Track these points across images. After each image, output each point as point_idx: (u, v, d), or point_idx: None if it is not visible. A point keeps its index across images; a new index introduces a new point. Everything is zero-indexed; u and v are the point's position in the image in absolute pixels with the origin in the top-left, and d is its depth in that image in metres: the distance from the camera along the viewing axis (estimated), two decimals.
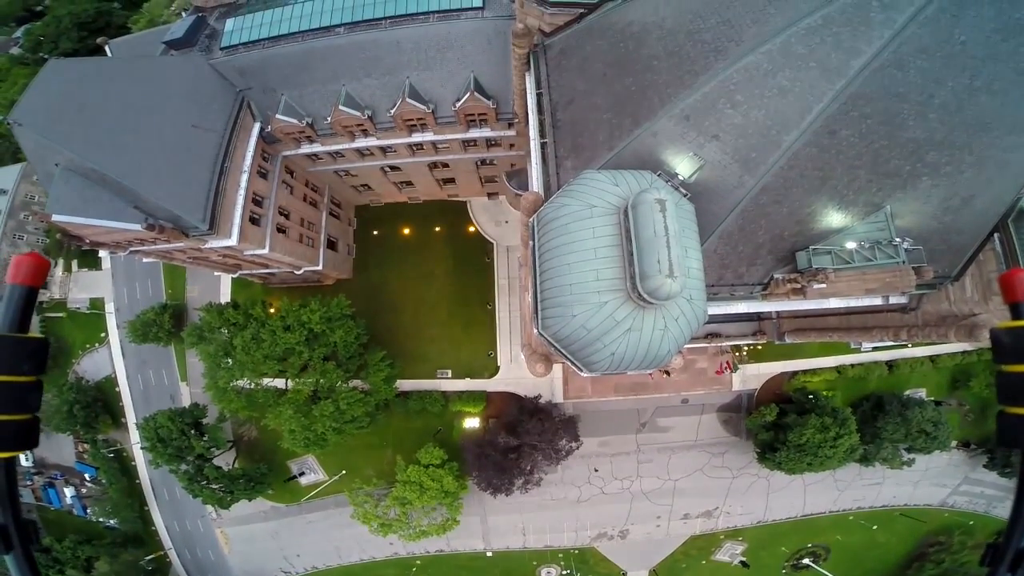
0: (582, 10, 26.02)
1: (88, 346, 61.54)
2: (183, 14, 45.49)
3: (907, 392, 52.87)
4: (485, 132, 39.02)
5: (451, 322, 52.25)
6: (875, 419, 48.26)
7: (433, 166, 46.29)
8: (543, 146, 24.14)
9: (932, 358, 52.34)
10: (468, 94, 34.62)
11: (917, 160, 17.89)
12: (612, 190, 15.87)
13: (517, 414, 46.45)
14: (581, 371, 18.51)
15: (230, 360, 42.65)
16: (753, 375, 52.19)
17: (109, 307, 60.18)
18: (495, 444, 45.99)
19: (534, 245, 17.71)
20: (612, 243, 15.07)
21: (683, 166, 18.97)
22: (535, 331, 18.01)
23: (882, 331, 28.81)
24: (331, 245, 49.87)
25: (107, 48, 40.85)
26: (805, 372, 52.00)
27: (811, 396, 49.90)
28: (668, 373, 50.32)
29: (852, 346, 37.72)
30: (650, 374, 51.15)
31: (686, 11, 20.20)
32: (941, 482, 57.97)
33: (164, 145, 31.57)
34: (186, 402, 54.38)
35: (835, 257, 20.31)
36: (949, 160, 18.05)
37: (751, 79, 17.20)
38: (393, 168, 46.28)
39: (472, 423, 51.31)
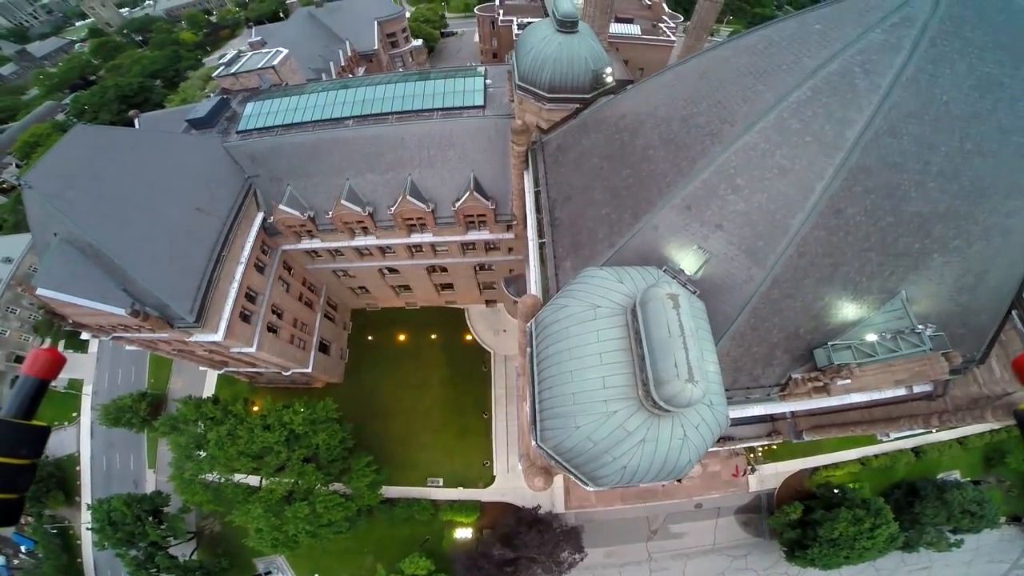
0: (578, 105, 27.06)
1: (57, 423, 58.99)
2: (212, 95, 48.24)
3: (940, 475, 50.99)
4: (484, 235, 39.19)
5: (444, 430, 50.06)
6: (911, 506, 46.09)
7: (431, 270, 46.49)
8: (541, 246, 23.52)
9: (959, 440, 51.43)
10: (468, 193, 34.99)
11: (925, 236, 16.95)
12: (617, 288, 14.74)
13: (514, 525, 42.13)
14: (587, 485, 16.01)
15: (201, 453, 39.93)
16: (771, 475, 49.05)
17: (87, 389, 59.22)
18: (489, 556, 41.32)
19: (532, 352, 16.13)
20: (619, 347, 13.56)
21: (688, 261, 17.94)
22: (533, 443, 15.86)
23: (910, 420, 26.65)
24: (323, 348, 48.51)
25: (136, 121, 42.68)
26: (826, 467, 49.68)
27: (837, 490, 47.35)
28: (680, 480, 46.40)
29: (879, 438, 34.96)
30: (661, 484, 47.08)
31: (678, 97, 20.40)
32: (997, 558, 52.73)
33: (166, 226, 31.15)
34: (151, 489, 50.74)
35: (856, 352, 18.77)
36: (956, 233, 17.13)
37: (750, 160, 16.68)
38: (391, 270, 46.41)
39: (464, 533, 46.04)
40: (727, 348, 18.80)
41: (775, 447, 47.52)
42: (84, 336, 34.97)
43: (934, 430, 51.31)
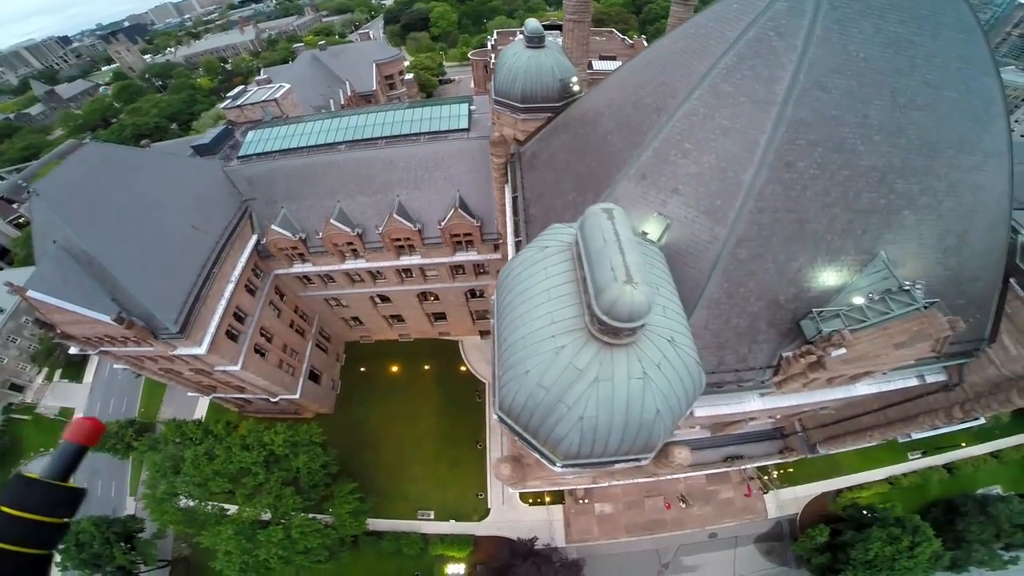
0: (549, 114, 28.37)
1: (43, 449, 58.74)
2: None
3: (979, 491, 47.69)
4: (471, 256, 39.68)
5: (437, 461, 48.46)
6: (952, 523, 42.98)
7: (423, 297, 46.81)
8: (518, 243, 24.09)
9: (994, 454, 48.90)
10: (453, 210, 35.87)
11: (888, 191, 16.93)
12: (567, 231, 14.62)
13: (508, 558, 38.97)
14: (553, 464, 14.69)
15: (177, 475, 38.85)
16: (790, 499, 45.46)
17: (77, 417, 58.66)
18: None
19: (494, 319, 15.74)
20: (567, 279, 13.12)
21: (650, 228, 18.05)
22: (495, 417, 14.99)
23: (930, 416, 24.74)
24: (314, 377, 48.37)
25: (148, 149, 44.61)
26: (850, 489, 46.49)
27: (866, 511, 44.25)
28: (685, 502, 43.20)
29: (900, 439, 32.46)
30: (667, 504, 43.89)
31: (629, 86, 21.79)
32: None
33: (161, 240, 32.13)
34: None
35: (846, 318, 17.85)
36: (921, 188, 17.11)
37: (693, 125, 17.49)
38: (383, 299, 46.85)
39: (456, 569, 42.82)
40: (705, 319, 18.20)
41: (791, 470, 44.74)
42: (72, 350, 34.97)
43: (963, 445, 48.73)
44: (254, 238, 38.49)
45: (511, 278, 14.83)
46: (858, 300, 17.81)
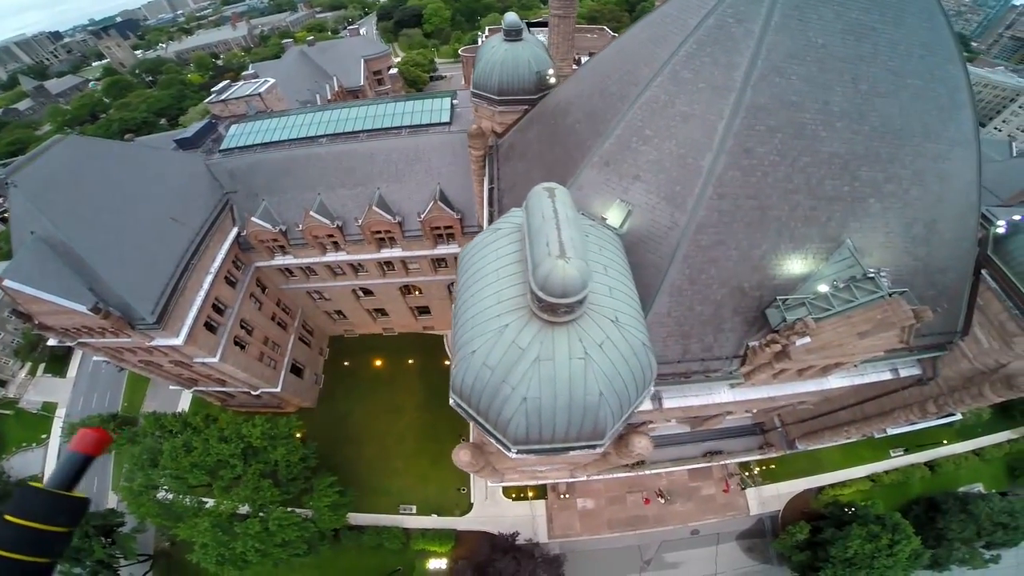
0: (526, 107, 28.41)
1: (25, 444, 58.56)
2: None
3: (961, 489, 47.97)
4: (453, 249, 39.50)
5: (419, 455, 48.42)
6: (933, 521, 42.91)
7: (406, 291, 46.70)
8: None
9: (976, 452, 49.34)
10: (433, 203, 35.80)
11: (852, 178, 16.88)
12: (519, 213, 14.58)
13: (489, 552, 38.91)
14: (508, 450, 14.63)
15: (155, 467, 38.91)
16: (772, 496, 45.48)
17: (60, 412, 59.53)
18: None
19: (454, 305, 15.94)
20: (515, 259, 13.14)
21: (613, 215, 18.07)
22: (451, 402, 14.93)
23: (905, 411, 24.63)
24: (297, 371, 48.25)
25: (130, 143, 44.15)
26: (832, 486, 46.54)
27: (847, 508, 44.31)
28: (664, 497, 43.19)
29: (876, 435, 32.44)
30: (646, 499, 43.83)
31: (599, 75, 21.85)
32: None
33: (139, 232, 32.03)
34: None
35: (811, 307, 17.73)
36: (886, 176, 17.03)
37: (654, 112, 17.50)
38: (366, 292, 46.73)
39: (438, 564, 42.58)
40: (667, 307, 18.16)
41: (774, 466, 44.84)
42: (51, 341, 34.83)
43: (944, 442, 48.62)
44: (235, 230, 38.46)
45: (466, 260, 14.90)
46: (823, 288, 17.64)
